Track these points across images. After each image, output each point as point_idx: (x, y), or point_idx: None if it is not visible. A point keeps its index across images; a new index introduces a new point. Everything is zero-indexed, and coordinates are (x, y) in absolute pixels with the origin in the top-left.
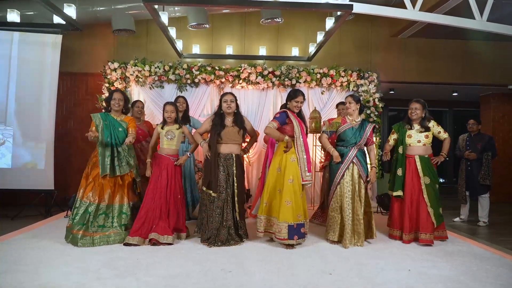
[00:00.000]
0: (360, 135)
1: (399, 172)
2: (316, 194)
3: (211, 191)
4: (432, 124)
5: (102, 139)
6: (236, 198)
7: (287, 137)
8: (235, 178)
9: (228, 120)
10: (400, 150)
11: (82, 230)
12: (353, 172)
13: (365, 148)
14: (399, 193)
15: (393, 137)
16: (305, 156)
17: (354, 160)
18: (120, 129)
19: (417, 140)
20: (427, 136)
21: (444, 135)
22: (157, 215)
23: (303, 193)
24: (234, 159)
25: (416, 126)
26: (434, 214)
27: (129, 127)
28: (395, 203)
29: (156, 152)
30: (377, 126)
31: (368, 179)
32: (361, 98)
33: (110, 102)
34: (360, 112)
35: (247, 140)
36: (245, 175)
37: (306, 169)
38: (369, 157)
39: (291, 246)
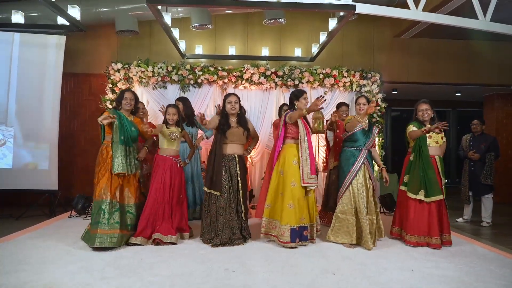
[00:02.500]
0: (369, 136)
1: (432, 174)
2: (319, 195)
3: (213, 191)
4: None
5: (118, 137)
6: (241, 199)
7: (304, 111)
8: (239, 179)
9: (232, 121)
10: (425, 151)
11: (99, 229)
12: (364, 173)
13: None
14: (440, 197)
15: (414, 128)
16: (308, 158)
17: (365, 162)
18: (132, 128)
19: (435, 141)
20: (442, 137)
21: (444, 139)
22: (160, 216)
23: (307, 197)
24: (237, 159)
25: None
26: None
27: (143, 133)
28: (414, 207)
29: (157, 154)
30: (380, 127)
31: (384, 181)
32: None
33: (122, 101)
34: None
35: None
36: (248, 175)
37: (309, 171)
38: (375, 159)
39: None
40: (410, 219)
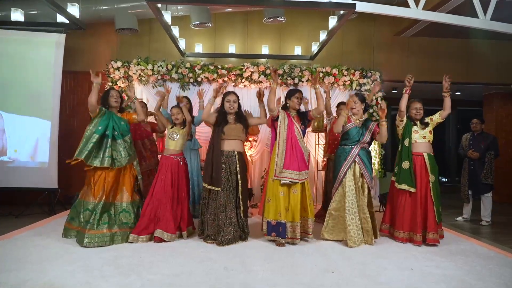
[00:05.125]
0: (363, 133)
1: (405, 165)
2: (318, 193)
3: (213, 187)
4: (427, 120)
5: (95, 127)
6: (240, 196)
7: (273, 85)
8: (238, 175)
9: (231, 118)
10: (406, 142)
11: (88, 229)
12: (355, 171)
13: (372, 146)
14: (403, 186)
15: (400, 121)
16: (284, 152)
17: (356, 159)
18: (122, 122)
19: (422, 136)
20: (430, 132)
21: (440, 114)
22: (160, 212)
23: (292, 194)
24: (237, 156)
25: (418, 124)
26: (437, 212)
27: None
28: (402, 203)
29: (162, 154)
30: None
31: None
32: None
33: (108, 99)
34: (364, 111)
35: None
36: (248, 173)
37: (282, 164)
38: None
39: (281, 244)
40: (400, 215)
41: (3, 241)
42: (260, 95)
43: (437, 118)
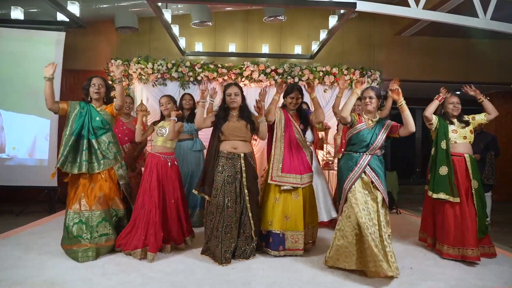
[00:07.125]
0: (375, 135)
1: (443, 170)
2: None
3: (203, 194)
4: (467, 118)
5: (71, 128)
6: (249, 213)
7: (276, 96)
8: (244, 183)
9: (233, 115)
10: (443, 145)
11: (76, 244)
12: (365, 181)
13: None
14: (441, 195)
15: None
16: (282, 154)
17: (366, 170)
18: (97, 118)
19: (462, 136)
20: (471, 132)
21: (483, 116)
22: (149, 223)
23: (294, 201)
24: (242, 158)
25: (456, 122)
26: (480, 225)
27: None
28: (441, 215)
29: (149, 152)
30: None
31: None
32: None
33: (89, 89)
34: (378, 109)
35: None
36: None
37: (281, 168)
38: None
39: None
40: (446, 227)
41: (4, 239)
42: (259, 109)
43: (481, 118)
